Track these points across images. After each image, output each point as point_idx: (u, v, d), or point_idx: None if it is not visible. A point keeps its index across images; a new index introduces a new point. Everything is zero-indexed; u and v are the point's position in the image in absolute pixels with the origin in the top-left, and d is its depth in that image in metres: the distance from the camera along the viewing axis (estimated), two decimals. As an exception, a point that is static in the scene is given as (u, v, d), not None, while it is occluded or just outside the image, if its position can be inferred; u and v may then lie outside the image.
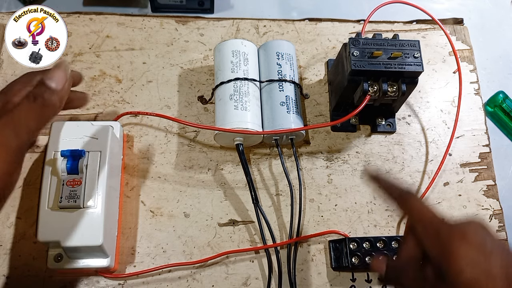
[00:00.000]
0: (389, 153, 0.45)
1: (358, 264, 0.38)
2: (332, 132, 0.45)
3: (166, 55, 0.47)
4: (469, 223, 0.30)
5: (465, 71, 0.49)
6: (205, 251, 0.39)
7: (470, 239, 0.29)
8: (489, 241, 0.29)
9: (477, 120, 0.47)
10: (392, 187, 0.34)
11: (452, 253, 0.29)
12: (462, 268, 0.28)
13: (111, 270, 0.37)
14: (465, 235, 0.29)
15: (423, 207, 0.32)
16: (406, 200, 0.32)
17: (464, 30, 0.52)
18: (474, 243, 0.29)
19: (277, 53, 0.43)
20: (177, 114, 0.44)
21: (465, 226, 0.30)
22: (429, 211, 0.31)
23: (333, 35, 0.50)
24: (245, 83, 0.41)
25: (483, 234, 0.30)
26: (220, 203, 0.41)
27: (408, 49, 0.39)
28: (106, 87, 0.45)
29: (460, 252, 0.29)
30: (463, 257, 0.29)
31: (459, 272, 0.29)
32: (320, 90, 0.47)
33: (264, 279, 0.39)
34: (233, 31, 0.49)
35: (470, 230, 0.29)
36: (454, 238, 0.29)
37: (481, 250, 0.29)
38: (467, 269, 0.28)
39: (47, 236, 0.33)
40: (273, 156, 0.43)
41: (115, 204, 0.38)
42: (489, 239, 0.29)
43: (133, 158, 0.42)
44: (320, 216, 0.42)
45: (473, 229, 0.30)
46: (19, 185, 0.40)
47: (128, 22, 0.48)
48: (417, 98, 0.48)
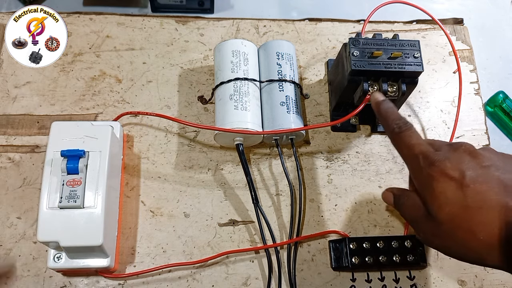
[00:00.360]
0: (389, 153, 0.45)
1: (358, 264, 0.38)
2: (332, 132, 0.45)
3: (166, 55, 0.47)
4: (454, 152, 0.30)
5: (465, 71, 0.49)
6: (205, 251, 0.39)
7: (449, 174, 0.29)
8: (470, 171, 0.29)
9: (477, 120, 0.47)
10: (387, 120, 0.34)
11: (432, 190, 0.29)
12: (441, 205, 0.29)
13: (111, 270, 0.37)
14: (444, 171, 0.29)
15: (411, 144, 0.32)
16: (396, 137, 0.33)
17: (464, 30, 0.52)
18: (452, 178, 0.29)
19: (277, 53, 0.43)
20: (177, 114, 0.44)
21: (448, 158, 0.29)
22: (416, 148, 0.31)
23: (333, 35, 0.50)
24: (245, 83, 0.41)
25: (464, 164, 0.29)
26: (220, 203, 0.41)
27: (408, 49, 0.39)
28: (106, 87, 0.45)
29: (439, 189, 0.29)
30: (441, 194, 0.29)
31: (438, 209, 0.29)
32: (320, 90, 0.47)
33: (264, 279, 0.39)
34: (233, 31, 0.49)
35: (451, 163, 0.29)
36: (433, 174, 0.29)
37: (459, 185, 0.28)
38: (446, 207, 0.29)
39: (47, 236, 0.33)
40: (273, 156, 0.43)
41: (115, 204, 0.38)
42: (471, 169, 0.29)
43: (133, 158, 0.42)
44: (320, 216, 0.42)
45: (456, 160, 0.29)
46: (19, 185, 0.40)
47: (128, 22, 0.48)
48: (417, 98, 0.48)
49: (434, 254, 0.41)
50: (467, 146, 0.30)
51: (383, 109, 0.36)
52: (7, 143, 0.42)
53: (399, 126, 0.33)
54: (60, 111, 0.43)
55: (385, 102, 0.36)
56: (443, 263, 0.41)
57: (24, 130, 0.42)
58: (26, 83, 0.44)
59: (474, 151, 0.30)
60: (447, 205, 0.28)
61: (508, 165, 0.29)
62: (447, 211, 0.28)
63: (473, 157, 0.29)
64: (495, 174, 0.29)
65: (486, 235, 0.27)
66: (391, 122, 0.34)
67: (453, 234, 0.29)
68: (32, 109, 0.43)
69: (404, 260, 0.39)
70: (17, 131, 0.42)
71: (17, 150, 0.41)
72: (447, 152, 0.30)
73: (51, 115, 0.43)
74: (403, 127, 0.33)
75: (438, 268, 0.40)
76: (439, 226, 0.29)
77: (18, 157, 0.41)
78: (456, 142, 0.31)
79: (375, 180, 0.43)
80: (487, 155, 0.30)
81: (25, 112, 0.43)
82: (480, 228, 0.27)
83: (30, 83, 0.44)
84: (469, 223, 0.28)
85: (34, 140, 0.42)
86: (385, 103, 0.36)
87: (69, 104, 0.44)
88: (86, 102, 0.44)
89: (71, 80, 0.45)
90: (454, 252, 0.30)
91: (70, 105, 0.44)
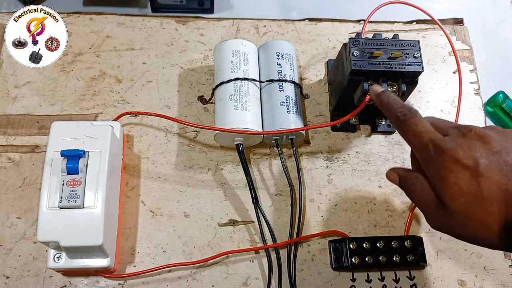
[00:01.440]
0: (389, 153, 0.45)
1: (358, 264, 0.38)
2: (332, 132, 0.45)
3: (166, 55, 0.47)
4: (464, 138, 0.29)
5: (465, 71, 0.49)
6: (205, 251, 0.39)
7: (462, 163, 0.28)
8: (483, 159, 0.28)
9: (477, 120, 0.47)
10: (390, 109, 0.33)
11: (445, 181, 0.28)
12: (454, 196, 0.28)
13: (111, 270, 0.37)
14: (456, 159, 0.28)
15: (419, 131, 0.30)
16: (402, 125, 0.32)
17: (464, 30, 0.52)
18: (466, 167, 0.27)
19: (277, 53, 0.43)
20: (177, 114, 0.44)
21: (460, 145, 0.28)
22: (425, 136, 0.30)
23: (333, 35, 0.50)
24: (245, 83, 0.41)
25: (477, 151, 0.28)
26: (220, 203, 0.41)
27: (408, 49, 0.39)
28: (106, 87, 0.45)
29: (452, 179, 0.28)
30: (454, 184, 0.28)
31: (451, 199, 0.28)
32: (320, 90, 0.47)
33: (264, 279, 0.39)
34: (233, 31, 0.49)
35: (463, 151, 0.28)
36: (446, 164, 0.28)
37: (473, 174, 0.27)
38: (459, 198, 0.28)
39: (47, 236, 0.33)
40: (273, 156, 0.43)
41: (115, 204, 0.38)
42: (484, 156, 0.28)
43: (133, 158, 0.42)
44: (320, 216, 0.42)
45: (468, 147, 0.28)
46: (19, 185, 0.40)
47: (128, 22, 0.48)
48: (417, 98, 0.48)
49: (434, 254, 0.41)
50: (476, 130, 0.29)
51: (384, 99, 0.35)
52: (7, 143, 0.42)
53: (404, 114, 0.32)
54: (60, 111, 0.43)
55: (385, 92, 0.35)
56: (443, 263, 0.41)
57: (24, 130, 0.42)
58: (26, 83, 0.44)
59: (484, 135, 0.29)
60: (461, 196, 0.27)
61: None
62: (461, 202, 0.27)
63: (484, 142, 0.28)
64: (506, 159, 0.28)
65: (497, 225, 0.27)
66: (395, 111, 0.32)
67: (466, 224, 0.28)
68: (32, 109, 0.43)
69: (404, 260, 0.39)
70: (17, 131, 0.42)
71: (17, 150, 0.41)
72: (457, 137, 0.29)
73: (51, 115, 0.43)
74: (408, 115, 0.31)
75: (438, 268, 0.40)
76: (451, 216, 0.28)
77: (18, 157, 0.41)
78: (464, 125, 0.30)
79: (375, 180, 0.43)
80: (497, 138, 0.29)
81: (25, 112, 0.43)
82: (493, 219, 0.27)
83: (30, 83, 0.44)
84: (483, 214, 0.27)
85: (34, 140, 0.42)
86: (385, 94, 0.35)
87: (69, 104, 0.44)
88: (86, 102, 0.44)
89: (71, 80, 0.45)
90: (465, 239, 0.29)
91: (70, 105, 0.44)
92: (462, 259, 0.41)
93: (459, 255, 0.41)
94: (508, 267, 0.41)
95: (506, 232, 0.26)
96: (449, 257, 0.41)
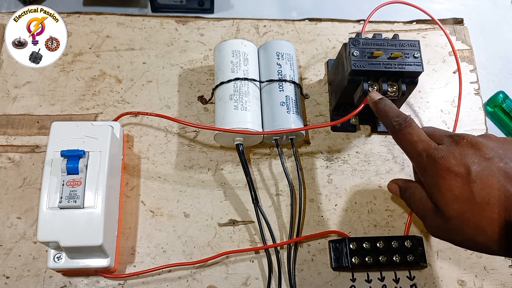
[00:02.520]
0: (389, 153, 0.45)
1: (358, 264, 0.38)
2: (332, 132, 0.45)
3: (166, 55, 0.47)
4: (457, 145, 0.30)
5: (465, 71, 0.49)
6: (205, 251, 0.39)
7: (454, 170, 0.29)
8: (475, 166, 0.28)
9: (477, 120, 0.47)
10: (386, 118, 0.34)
11: (439, 188, 0.29)
12: (448, 202, 0.29)
13: (111, 270, 0.37)
14: (449, 167, 0.29)
15: (413, 141, 0.31)
16: (397, 134, 0.33)
17: (464, 30, 0.52)
18: (458, 174, 0.28)
19: (277, 53, 0.43)
20: (177, 114, 0.44)
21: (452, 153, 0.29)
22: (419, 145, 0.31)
23: (333, 35, 0.50)
24: (245, 83, 0.41)
25: (469, 158, 0.29)
26: (220, 203, 0.41)
27: (408, 49, 0.39)
28: (106, 87, 0.45)
29: (445, 186, 0.29)
30: (448, 191, 0.29)
31: (445, 206, 0.29)
32: (320, 90, 0.47)
33: (264, 279, 0.39)
34: (233, 31, 0.49)
35: (455, 158, 0.29)
36: (439, 172, 0.29)
37: (465, 181, 0.28)
38: (453, 204, 0.28)
39: (47, 236, 0.33)
40: (273, 156, 0.43)
41: (115, 204, 0.38)
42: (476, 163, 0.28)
43: (133, 158, 0.42)
44: (320, 216, 0.42)
45: (460, 154, 0.29)
46: (19, 185, 0.40)
47: (128, 22, 0.48)
48: (417, 98, 0.48)
49: (434, 254, 0.41)
50: (469, 138, 0.30)
51: (380, 108, 0.35)
52: (7, 143, 0.42)
53: (399, 123, 0.33)
54: (60, 111, 0.43)
55: (382, 100, 0.36)
56: (443, 263, 0.41)
57: (24, 130, 0.42)
58: (26, 83, 0.44)
59: (476, 142, 0.30)
60: (455, 202, 0.28)
61: (509, 153, 0.29)
62: (455, 207, 0.28)
63: (476, 149, 0.29)
64: (499, 165, 0.28)
65: (493, 230, 0.27)
66: (390, 120, 0.33)
67: (461, 229, 0.29)
68: (32, 109, 0.43)
69: (404, 260, 0.39)
70: (17, 131, 0.42)
71: (17, 150, 0.41)
72: (450, 146, 0.30)
73: (51, 115, 0.43)
74: (403, 124, 0.32)
75: (438, 268, 0.40)
76: (447, 221, 0.29)
77: (18, 157, 0.41)
78: (457, 134, 0.31)
79: (375, 180, 0.43)
80: (489, 145, 0.30)
81: (25, 112, 0.43)
82: (488, 223, 0.27)
83: (30, 83, 0.44)
84: (477, 219, 0.28)
85: (34, 140, 0.42)
86: (382, 102, 0.36)
87: (69, 104, 0.44)
88: (86, 102, 0.44)
89: (71, 80, 0.45)
90: (462, 245, 0.30)
91: (70, 105, 0.44)
92: (462, 259, 0.41)
93: (459, 255, 0.41)
94: (508, 267, 0.41)
95: (505, 236, 0.27)
96: (449, 257, 0.41)
